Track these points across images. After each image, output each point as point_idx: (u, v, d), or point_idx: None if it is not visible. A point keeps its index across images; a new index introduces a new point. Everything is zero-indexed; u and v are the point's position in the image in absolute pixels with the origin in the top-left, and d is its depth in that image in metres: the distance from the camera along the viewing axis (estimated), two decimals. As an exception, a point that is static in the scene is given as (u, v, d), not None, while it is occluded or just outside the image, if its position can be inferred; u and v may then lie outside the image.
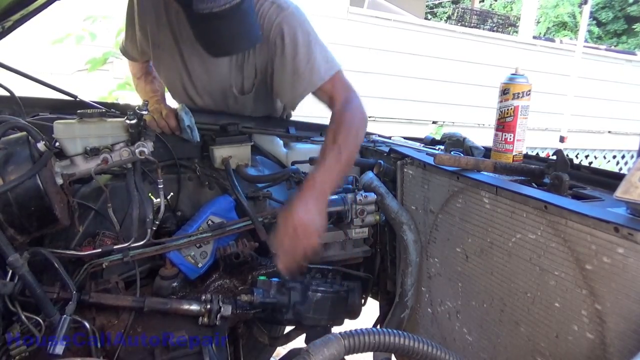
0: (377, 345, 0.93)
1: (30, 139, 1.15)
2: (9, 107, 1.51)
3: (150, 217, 1.30)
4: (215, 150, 1.57)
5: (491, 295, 1.25)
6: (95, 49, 3.66)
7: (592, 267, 0.96)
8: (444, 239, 1.44)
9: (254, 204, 1.63)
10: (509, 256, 1.17)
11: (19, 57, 3.02)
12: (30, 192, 1.10)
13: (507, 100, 1.38)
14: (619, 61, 7.43)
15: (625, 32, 17.22)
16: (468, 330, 1.35)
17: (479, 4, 13.61)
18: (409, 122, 5.95)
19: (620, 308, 0.91)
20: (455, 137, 1.64)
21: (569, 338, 1.02)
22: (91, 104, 1.62)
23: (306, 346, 0.92)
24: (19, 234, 1.14)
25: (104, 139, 1.27)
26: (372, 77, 5.60)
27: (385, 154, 1.76)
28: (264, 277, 1.52)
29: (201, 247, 1.48)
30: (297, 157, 1.83)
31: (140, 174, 1.32)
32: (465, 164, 1.36)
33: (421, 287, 1.59)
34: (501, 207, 1.19)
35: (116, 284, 1.36)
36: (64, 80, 3.87)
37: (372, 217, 1.55)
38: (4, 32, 1.50)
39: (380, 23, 5.60)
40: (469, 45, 6.18)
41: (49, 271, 1.24)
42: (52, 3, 1.38)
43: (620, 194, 0.94)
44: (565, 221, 1.01)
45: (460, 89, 6.12)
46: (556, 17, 17.20)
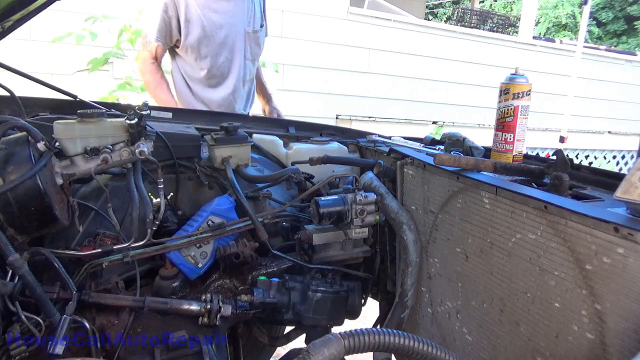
0: (377, 345, 0.93)
1: (30, 139, 1.15)
2: (9, 107, 1.51)
3: (150, 217, 1.29)
4: (215, 150, 1.57)
5: (491, 295, 1.25)
6: (95, 49, 3.66)
7: (592, 267, 0.96)
8: (444, 239, 1.44)
9: (254, 204, 1.64)
10: (509, 256, 1.17)
11: (19, 57, 3.02)
12: (30, 192, 1.10)
13: (507, 100, 1.38)
14: (619, 61, 7.43)
15: (625, 32, 17.22)
16: (468, 330, 1.35)
17: (479, 5, 13.61)
18: (409, 122, 5.95)
19: (620, 308, 0.91)
20: (455, 137, 1.64)
21: (569, 338, 1.02)
22: (91, 104, 1.62)
23: (306, 346, 0.92)
24: (19, 234, 1.14)
25: (104, 139, 1.27)
26: (372, 77, 5.60)
27: (385, 154, 1.76)
28: (264, 277, 1.53)
29: (201, 247, 1.48)
30: (297, 157, 1.83)
31: (140, 174, 1.32)
32: (465, 164, 1.36)
33: (421, 287, 1.59)
34: (501, 207, 1.19)
35: (116, 284, 1.36)
36: (64, 81, 3.88)
37: (372, 217, 1.55)
38: (4, 32, 1.50)
39: (380, 23, 5.60)
40: (469, 46, 6.18)
41: (49, 271, 1.24)
42: (52, 3, 1.38)
43: (620, 194, 0.94)
44: (565, 221, 1.01)
45: (460, 89, 6.12)
46: (556, 18, 17.21)
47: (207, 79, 2.37)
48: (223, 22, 2.30)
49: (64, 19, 3.73)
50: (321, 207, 1.49)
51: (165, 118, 1.81)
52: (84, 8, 3.74)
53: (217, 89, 2.40)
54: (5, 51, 2.03)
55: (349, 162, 1.88)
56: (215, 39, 2.29)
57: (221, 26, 2.30)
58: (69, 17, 3.74)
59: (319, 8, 5.20)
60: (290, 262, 1.57)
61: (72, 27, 3.53)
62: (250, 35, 2.41)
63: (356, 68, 5.49)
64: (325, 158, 1.74)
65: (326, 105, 5.33)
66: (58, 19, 3.70)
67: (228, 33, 2.32)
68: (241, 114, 2.39)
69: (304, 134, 1.99)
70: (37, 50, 3.88)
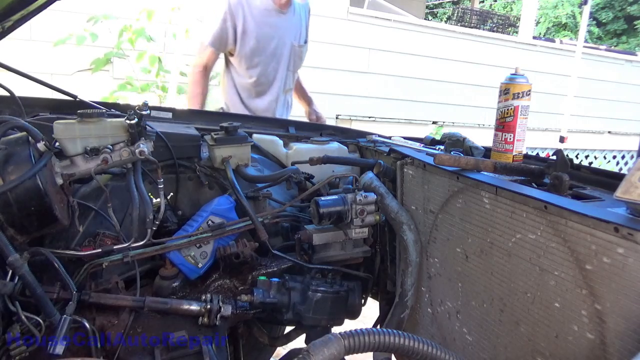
0: (377, 345, 0.93)
1: (30, 139, 1.15)
2: (9, 107, 1.51)
3: (150, 217, 1.29)
4: (215, 150, 1.57)
5: (491, 295, 1.25)
6: (95, 49, 3.66)
7: (592, 267, 0.96)
8: (444, 239, 1.44)
9: (254, 204, 1.64)
10: (509, 256, 1.17)
11: (19, 57, 3.03)
12: (30, 192, 1.10)
13: (507, 100, 1.38)
14: (619, 61, 7.43)
15: (625, 32, 17.22)
16: (468, 330, 1.35)
17: (479, 5, 13.61)
18: (409, 122, 5.95)
19: (620, 308, 0.91)
20: (455, 137, 1.64)
21: (569, 338, 1.02)
22: (91, 104, 1.62)
23: (306, 346, 0.92)
24: (19, 234, 1.14)
25: (104, 139, 1.27)
26: (372, 77, 5.60)
27: (385, 154, 1.76)
28: (264, 277, 1.53)
29: (201, 247, 1.48)
30: (297, 157, 1.83)
31: (140, 174, 1.32)
32: (465, 164, 1.36)
33: (421, 287, 1.59)
34: (501, 207, 1.19)
35: (116, 284, 1.36)
36: (64, 81, 3.88)
37: (372, 217, 1.55)
38: (4, 32, 1.50)
39: (380, 23, 5.60)
40: (469, 46, 6.18)
41: (49, 271, 1.24)
42: (52, 3, 1.38)
43: (620, 194, 0.94)
44: (565, 221, 1.01)
45: (460, 89, 6.12)
46: (556, 18, 17.21)
47: (254, 87, 2.57)
48: (274, 35, 2.52)
49: (64, 19, 3.73)
50: (321, 207, 1.49)
51: (165, 118, 1.81)
52: (84, 8, 3.74)
53: (262, 96, 2.61)
54: (5, 51, 2.03)
55: (349, 162, 1.88)
56: (266, 50, 2.51)
57: (272, 38, 2.51)
58: (69, 17, 3.74)
59: (319, 8, 5.20)
60: (290, 262, 1.57)
61: (73, 27, 3.53)
62: (295, 49, 2.64)
63: (356, 68, 5.49)
64: (325, 158, 1.74)
65: (326, 105, 5.33)
66: (58, 19, 3.70)
67: (277, 45, 2.54)
68: (241, 114, 2.41)
69: (304, 134, 2.00)
70: (37, 50, 3.88)
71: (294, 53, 2.64)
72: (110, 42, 3.62)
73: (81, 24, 3.48)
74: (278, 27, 2.51)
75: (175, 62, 3.72)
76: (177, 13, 3.67)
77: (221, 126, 1.62)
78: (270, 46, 2.51)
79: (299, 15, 2.64)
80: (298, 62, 2.71)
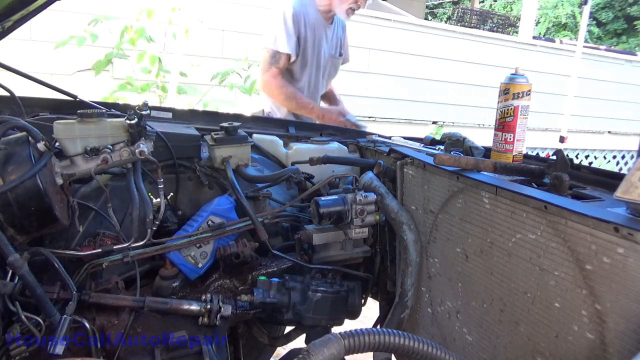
0: (377, 345, 0.93)
1: (30, 139, 1.15)
2: (9, 107, 1.51)
3: (150, 217, 1.29)
4: (215, 150, 1.57)
5: (491, 295, 1.25)
6: (95, 49, 3.66)
7: (592, 267, 0.96)
8: (444, 239, 1.44)
9: (254, 204, 1.63)
10: (509, 256, 1.17)
11: (19, 57, 3.03)
12: (30, 192, 1.10)
13: (507, 100, 1.38)
14: (619, 61, 7.44)
15: (625, 32, 17.22)
16: (468, 330, 1.35)
17: (479, 5, 13.61)
18: (409, 122, 5.95)
19: (620, 308, 0.91)
20: (455, 137, 1.64)
21: (569, 338, 1.02)
22: (91, 104, 1.62)
23: (306, 346, 0.92)
24: (19, 234, 1.14)
25: (104, 139, 1.27)
26: (372, 77, 5.60)
27: (385, 154, 1.76)
28: (264, 277, 1.52)
29: (201, 247, 1.48)
30: (297, 157, 1.83)
31: (140, 174, 1.32)
32: (465, 164, 1.36)
33: (421, 287, 1.59)
34: (501, 207, 1.19)
35: (116, 284, 1.36)
36: (64, 81, 3.88)
37: (372, 217, 1.55)
38: (4, 32, 1.50)
39: (380, 23, 5.60)
40: (468, 46, 6.18)
41: (49, 271, 1.24)
42: (52, 3, 1.38)
43: (620, 194, 0.94)
44: (565, 221, 1.01)
45: (460, 89, 6.12)
46: (556, 18, 17.21)
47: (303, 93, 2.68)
48: (322, 46, 2.68)
49: (65, 19, 3.73)
50: (321, 207, 1.49)
51: (165, 118, 1.81)
52: (84, 8, 3.74)
53: None
54: (6, 51, 2.03)
55: (349, 162, 1.88)
56: (312, 57, 2.64)
57: (321, 48, 2.67)
58: (70, 17, 3.74)
59: (319, 8, 5.19)
60: (290, 262, 1.57)
61: (73, 27, 3.53)
62: (333, 59, 2.80)
63: (356, 68, 5.49)
64: (325, 158, 1.74)
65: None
66: (58, 19, 3.70)
67: (320, 54, 2.68)
68: (241, 114, 2.41)
69: (303, 134, 2.00)
70: (37, 50, 3.88)
71: (331, 63, 2.80)
72: (110, 42, 3.61)
73: (81, 24, 3.48)
74: (322, 37, 2.67)
75: (175, 62, 3.72)
76: (177, 13, 3.67)
77: (221, 126, 1.62)
78: (319, 56, 2.67)
79: (337, 28, 2.80)
80: (333, 71, 2.86)
